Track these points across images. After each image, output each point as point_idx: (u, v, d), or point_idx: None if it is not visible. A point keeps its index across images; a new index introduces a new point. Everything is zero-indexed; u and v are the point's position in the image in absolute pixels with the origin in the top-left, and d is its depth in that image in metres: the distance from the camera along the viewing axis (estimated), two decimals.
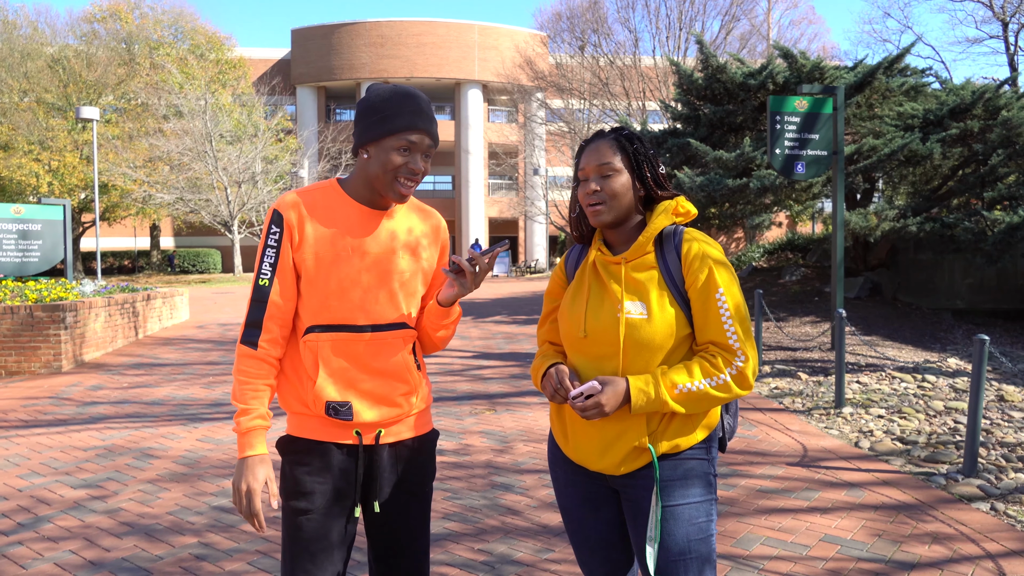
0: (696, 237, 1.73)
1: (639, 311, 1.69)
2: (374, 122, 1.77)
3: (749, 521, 3.72)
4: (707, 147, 11.38)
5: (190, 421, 6.09)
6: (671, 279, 1.71)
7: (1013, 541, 3.45)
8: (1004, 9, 24.71)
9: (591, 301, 1.77)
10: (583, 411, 1.65)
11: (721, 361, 1.67)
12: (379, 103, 1.78)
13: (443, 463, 4.80)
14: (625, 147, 1.74)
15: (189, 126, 28.01)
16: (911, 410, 5.97)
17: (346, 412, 1.80)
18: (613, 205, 1.73)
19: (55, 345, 8.63)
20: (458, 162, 41.12)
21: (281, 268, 1.79)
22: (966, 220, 10.65)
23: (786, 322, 10.68)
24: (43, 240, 11.23)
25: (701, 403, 1.66)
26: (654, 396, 1.64)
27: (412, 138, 1.76)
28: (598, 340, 1.73)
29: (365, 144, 1.80)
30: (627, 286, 1.73)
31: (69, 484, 4.48)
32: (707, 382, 1.66)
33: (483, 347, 10.07)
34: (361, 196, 1.85)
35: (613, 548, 1.86)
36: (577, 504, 1.85)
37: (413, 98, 1.78)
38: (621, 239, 1.80)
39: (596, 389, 1.65)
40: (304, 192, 1.83)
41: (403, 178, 1.78)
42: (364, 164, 1.82)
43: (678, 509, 1.71)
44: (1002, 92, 11.17)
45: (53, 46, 31.84)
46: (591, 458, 1.76)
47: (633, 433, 1.70)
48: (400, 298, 1.86)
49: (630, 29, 31.44)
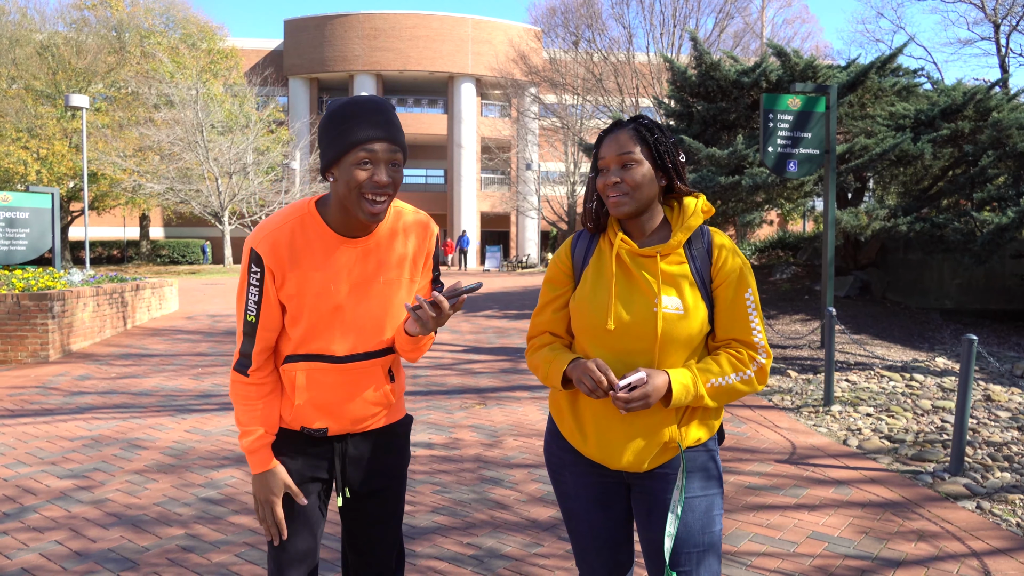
0: (724, 238, 1.78)
1: (675, 306, 1.69)
2: (333, 139, 1.66)
3: (738, 517, 3.73)
4: (700, 144, 11.38)
5: (178, 412, 6.06)
6: (699, 276, 1.73)
7: (998, 539, 3.48)
8: (996, 11, 24.84)
9: (620, 293, 1.72)
10: (627, 403, 1.60)
11: (746, 357, 1.72)
12: (336, 119, 1.66)
13: (433, 457, 4.80)
14: (645, 137, 1.72)
15: (180, 116, 27.81)
16: (899, 409, 6.00)
17: (321, 433, 1.85)
18: (636, 196, 1.71)
19: (42, 334, 8.56)
20: (451, 156, 41.03)
21: (266, 304, 1.77)
22: (955, 220, 10.70)
23: (776, 320, 10.72)
24: (31, 229, 11.13)
25: (728, 397, 1.72)
26: (693, 390, 1.66)
27: (372, 148, 1.64)
28: (630, 334, 1.69)
29: (329, 166, 1.69)
30: (664, 280, 1.71)
31: (55, 474, 4.44)
32: (735, 377, 1.70)
33: (474, 341, 10.06)
34: (338, 223, 1.76)
35: (618, 548, 1.85)
36: (588, 505, 1.82)
37: (370, 106, 1.66)
38: (641, 229, 1.77)
39: (644, 381, 1.62)
40: (280, 228, 1.73)
41: (370, 194, 1.66)
42: (334, 188, 1.71)
43: (695, 500, 1.73)
44: (993, 94, 11.23)
45: (42, 33, 31.51)
46: (615, 455, 1.73)
47: (664, 428, 1.71)
48: (385, 325, 1.84)
49: (624, 25, 31.39)
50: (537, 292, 17.64)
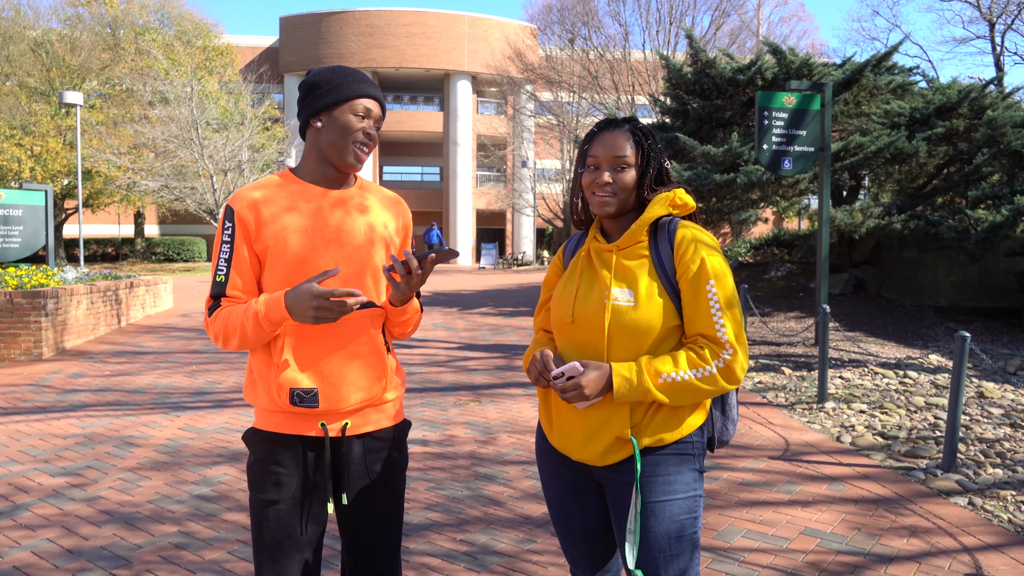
0: (690, 227, 1.72)
1: (626, 298, 1.68)
2: (325, 92, 1.78)
3: (731, 514, 3.74)
4: (695, 142, 11.39)
5: (172, 409, 6.05)
6: (662, 269, 1.70)
7: (989, 535, 3.49)
8: (991, 10, 24.88)
9: (581, 287, 1.76)
10: (563, 392, 1.63)
11: (708, 353, 1.64)
12: (328, 75, 1.80)
13: (426, 453, 4.80)
14: (640, 141, 1.74)
15: (175, 113, 27.70)
16: (892, 406, 6.02)
17: (311, 399, 1.76)
18: (621, 199, 1.73)
19: (35, 332, 8.53)
20: (446, 153, 40.97)
21: (236, 262, 1.78)
22: (950, 218, 10.72)
23: (771, 317, 10.74)
24: (24, 226, 11.08)
25: (686, 394, 1.64)
26: (636, 383, 1.62)
27: (368, 104, 1.79)
28: (584, 326, 1.72)
29: (317, 113, 1.79)
30: (616, 273, 1.72)
31: (48, 472, 4.43)
32: (692, 373, 1.63)
33: (469, 338, 10.06)
34: (315, 175, 1.84)
35: (598, 539, 1.85)
36: (562, 495, 1.84)
37: (361, 72, 1.83)
38: (618, 228, 1.79)
39: (578, 371, 1.63)
40: (256, 185, 1.82)
41: (360, 143, 1.79)
42: (316, 136, 1.81)
43: (659, 506, 1.69)
44: (988, 92, 11.25)
45: (36, 29, 31.36)
46: (574, 447, 1.75)
47: (616, 422, 1.68)
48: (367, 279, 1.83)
49: (620, 23, 31.38)
50: (532, 289, 17.65)
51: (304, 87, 1.81)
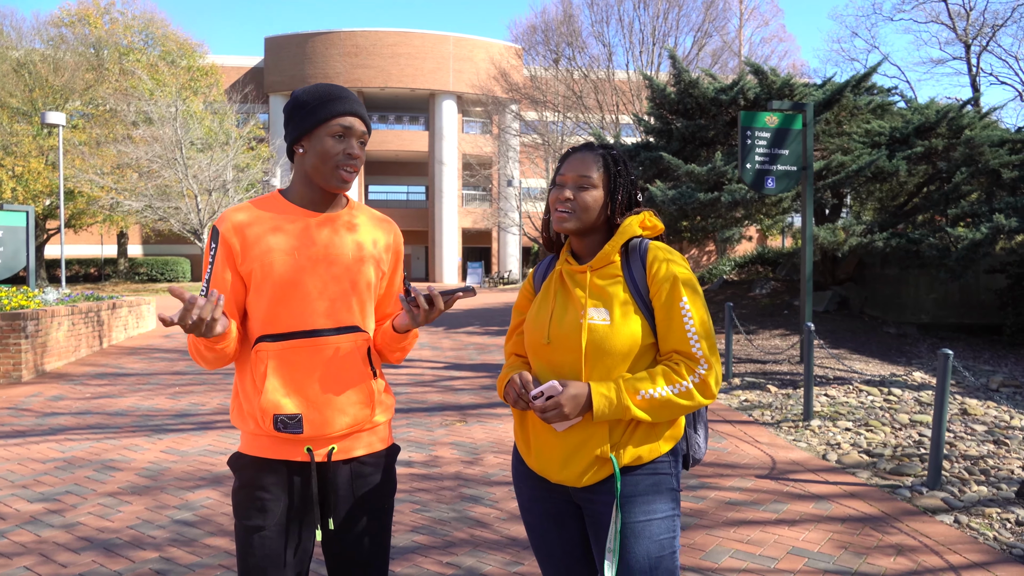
0: (661, 248, 1.76)
1: (602, 317, 1.70)
2: (304, 115, 1.77)
3: (718, 533, 3.73)
4: (679, 161, 11.49)
5: (154, 432, 5.96)
6: (636, 289, 1.73)
7: (975, 553, 3.50)
8: (967, 32, 25.37)
9: (556, 309, 1.77)
10: (543, 412, 1.63)
11: (684, 369, 1.67)
12: (306, 98, 1.78)
13: (412, 475, 4.76)
14: (608, 166, 1.77)
15: (159, 133, 27.60)
16: (877, 423, 6.05)
17: (295, 425, 1.74)
18: (580, 216, 1.76)
19: (15, 355, 8.41)
20: (432, 173, 41.07)
21: (215, 283, 1.77)
22: (931, 236, 10.86)
23: (756, 335, 10.79)
24: (4, 247, 10.97)
25: (664, 411, 1.66)
26: (616, 402, 1.63)
27: (345, 123, 1.76)
28: (561, 346, 1.72)
29: (299, 139, 1.79)
30: (591, 292, 1.74)
31: (25, 498, 4.35)
32: (670, 389, 1.65)
33: (455, 358, 10.02)
34: (303, 198, 1.83)
35: (577, 563, 1.84)
36: (541, 519, 1.83)
37: (339, 88, 1.80)
38: (588, 250, 1.82)
39: (556, 390, 1.63)
40: (243, 206, 1.81)
41: (343, 164, 1.77)
42: (301, 161, 1.81)
43: (639, 525, 1.69)
44: (965, 112, 11.44)
45: (18, 50, 31.22)
46: (553, 469, 1.74)
47: (595, 442, 1.68)
48: (352, 303, 1.82)
49: (604, 43, 31.68)
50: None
51: (286, 111, 1.82)
